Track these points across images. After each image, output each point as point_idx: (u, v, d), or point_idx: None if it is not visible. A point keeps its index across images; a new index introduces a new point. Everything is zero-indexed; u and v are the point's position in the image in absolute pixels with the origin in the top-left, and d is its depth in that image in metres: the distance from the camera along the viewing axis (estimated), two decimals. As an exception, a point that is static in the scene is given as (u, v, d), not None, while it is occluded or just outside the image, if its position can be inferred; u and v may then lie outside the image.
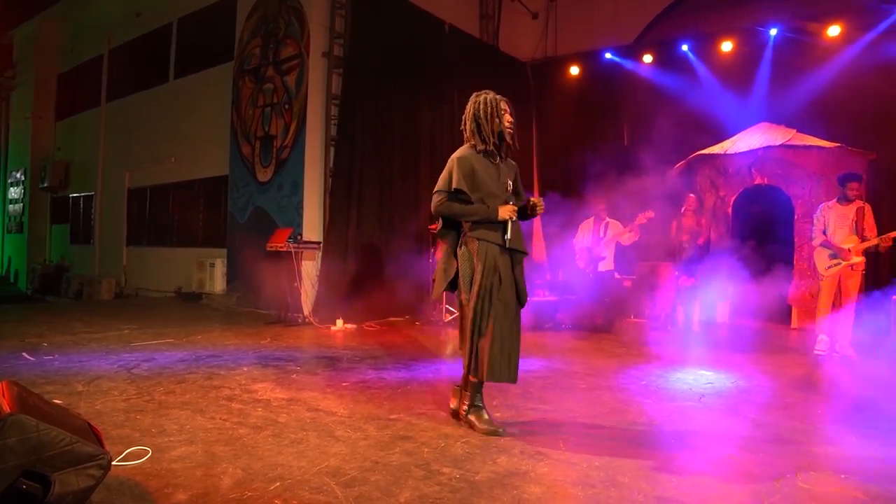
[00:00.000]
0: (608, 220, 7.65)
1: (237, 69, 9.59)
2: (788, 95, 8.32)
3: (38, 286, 14.41)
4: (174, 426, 3.15)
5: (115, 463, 2.44)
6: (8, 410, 2.03)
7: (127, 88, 13.02)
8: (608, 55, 10.17)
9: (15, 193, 16.26)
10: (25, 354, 5.01)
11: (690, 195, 7.47)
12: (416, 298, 8.27)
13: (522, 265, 3.36)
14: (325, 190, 8.41)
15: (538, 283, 8.43)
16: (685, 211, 7.30)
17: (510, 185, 3.33)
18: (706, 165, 8.50)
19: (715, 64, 9.19)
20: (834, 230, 5.74)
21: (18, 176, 16.06)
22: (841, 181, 5.83)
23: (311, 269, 8.20)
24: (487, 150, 3.28)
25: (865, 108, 7.94)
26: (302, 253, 7.77)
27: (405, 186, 8.82)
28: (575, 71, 10.59)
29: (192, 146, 11.13)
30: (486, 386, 3.28)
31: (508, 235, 3.23)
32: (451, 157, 3.32)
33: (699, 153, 8.45)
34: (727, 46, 9.02)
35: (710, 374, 4.92)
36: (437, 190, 3.31)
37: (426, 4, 9.23)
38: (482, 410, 3.23)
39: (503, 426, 3.16)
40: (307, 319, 7.72)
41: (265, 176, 8.99)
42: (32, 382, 3.90)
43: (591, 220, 7.79)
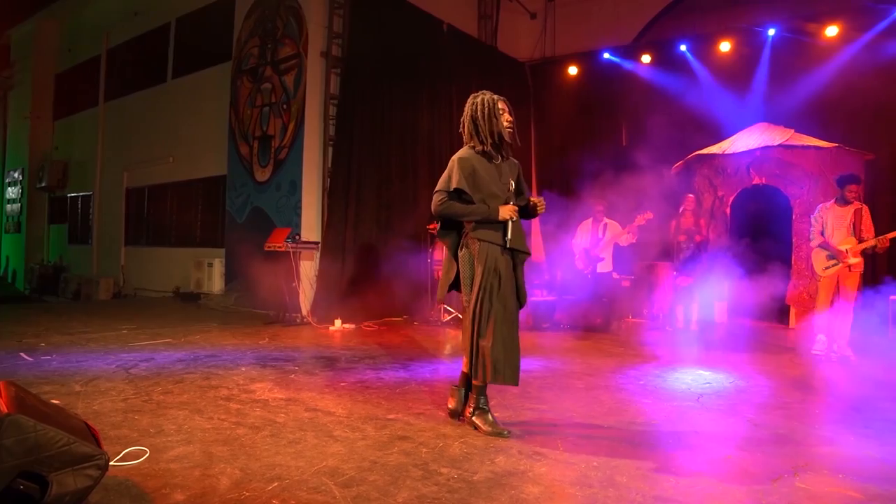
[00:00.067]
0: (606, 220, 7.64)
1: (235, 69, 9.58)
2: (786, 95, 8.34)
3: (35, 286, 14.39)
4: (172, 426, 3.15)
5: (112, 463, 2.44)
6: (5, 411, 2.03)
7: (125, 88, 13.02)
8: (606, 55, 10.18)
9: (13, 193, 16.24)
10: (23, 354, 5.00)
11: (689, 195, 7.48)
12: (413, 298, 8.27)
13: (523, 266, 3.35)
14: (323, 190, 8.41)
15: (536, 282, 8.43)
16: (683, 211, 7.30)
17: (512, 184, 3.32)
18: (704, 165, 8.52)
19: (713, 64, 9.21)
20: (832, 231, 5.74)
21: (16, 175, 16.04)
22: (840, 183, 5.81)
23: (309, 269, 8.19)
24: (487, 150, 3.28)
25: (863, 108, 7.96)
26: (300, 253, 7.77)
27: (403, 186, 8.81)
28: (573, 71, 10.61)
29: (190, 146, 11.13)
30: (484, 386, 3.28)
31: (509, 236, 3.22)
32: (451, 157, 3.32)
33: (697, 153, 8.47)
34: (725, 47, 9.03)
35: (708, 374, 4.93)
36: (437, 190, 3.30)
37: (425, 4, 9.22)
38: (487, 412, 3.23)
39: (508, 429, 3.16)
40: (305, 319, 7.72)
41: (263, 176, 8.99)
42: (30, 383, 3.89)
43: (589, 220, 7.79)
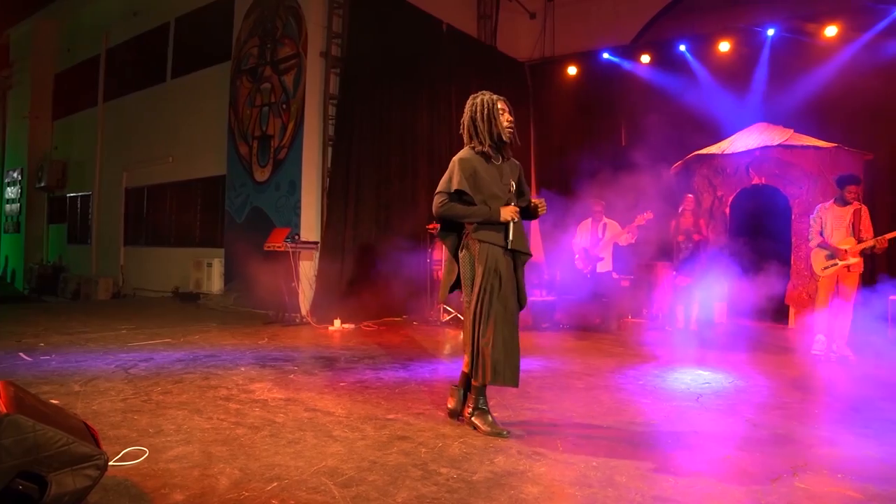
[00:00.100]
0: (606, 220, 7.64)
1: (234, 69, 9.58)
2: (786, 95, 8.34)
3: (35, 286, 14.38)
4: (171, 426, 3.14)
5: (111, 463, 2.44)
6: (4, 411, 2.03)
7: (124, 88, 13.01)
8: (606, 55, 10.19)
9: (12, 193, 16.22)
10: (22, 354, 5.00)
11: (688, 195, 7.48)
12: (413, 298, 8.27)
13: (524, 267, 3.34)
14: (322, 190, 8.40)
15: (535, 282, 8.43)
16: (683, 211, 7.30)
17: (513, 185, 3.31)
18: (704, 165, 8.52)
19: (712, 64, 9.21)
20: (831, 231, 5.74)
21: (15, 175, 16.03)
22: (839, 183, 5.79)
23: (308, 269, 8.19)
24: (487, 151, 3.26)
25: (862, 108, 7.97)
26: (299, 253, 7.77)
27: (403, 186, 8.81)
28: (573, 71, 10.61)
29: (189, 146, 11.12)
30: (484, 386, 3.28)
31: (511, 237, 3.21)
32: (452, 158, 3.30)
33: (697, 153, 8.47)
34: (725, 47, 9.04)
35: (707, 373, 4.93)
36: (438, 191, 3.28)
37: (424, 4, 9.22)
38: (487, 413, 3.22)
39: (507, 429, 3.16)
40: (305, 319, 7.71)
41: (263, 176, 8.98)
42: (29, 383, 3.89)
43: (588, 220, 7.79)
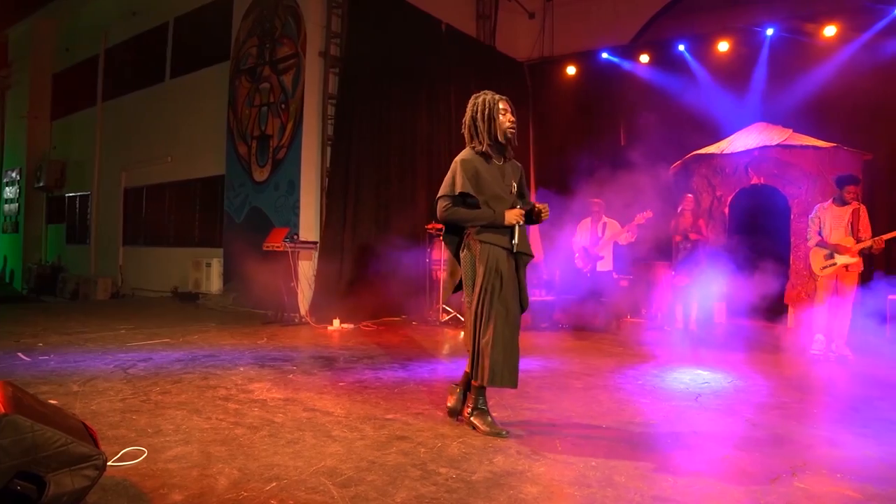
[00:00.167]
0: (606, 219, 7.65)
1: (233, 69, 9.57)
2: (785, 95, 8.35)
3: (33, 286, 14.36)
4: (170, 426, 3.14)
5: (110, 463, 2.44)
6: (3, 411, 2.02)
7: (123, 88, 12.99)
8: (605, 55, 10.19)
9: (10, 193, 16.21)
10: (21, 355, 4.99)
11: (688, 195, 7.48)
12: (412, 298, 8.27)
13: (526, 268, 3.32)
14: (321, 190, 8.40)
15: (535, 282, 8.43)
16: (682, 210, 7.31)
17: (515, 186, 3.30)
18: (703, 165, 8.52)
19: (711, 64, 9.22)
20: (830, 231, 5.74)
21: (14, 175, 16.01)
22: (838, 183, 5.80)
23: (307, 268, 8.19)
24: (488, 151, 3.24)
25: (861, 108, 7.98)
26: (298, 253, 7.77)
27: (402, 186, 8.80)
28: (572, 71, 10.61)
29: (188, 146, 11.11)
30: (483, 386, 3.28)
31: (515, 240, 3.19)
32: (454, 160, 3.27)
33: (696, 153, 8.47)
34: (724, 46, 9.04)
35: (706, 373, 4.93)
36: (441, 195, 3.25)
37: (423, 4, 9.21)
38: (486, 413, 3.22)
39: (506, 429, 3.15)
40: (304, 319, 7.71)
41: (262, 176, 8.98)
42: (28, 383, 3.88)
43: (588, 219, 7.79)
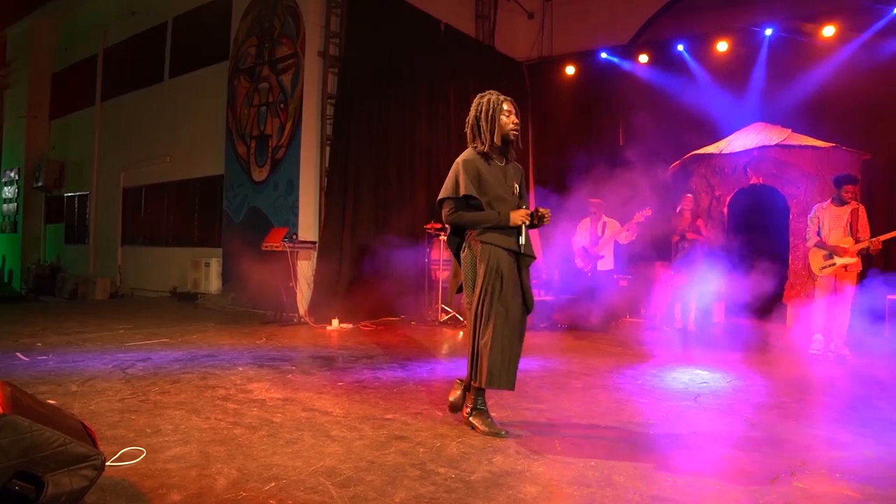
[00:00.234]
0: (605, 218, 7.65)
1: (232, 68, 9.57)
2: (784, 95, 8.35)
3: (32, 286, 14.34)
4: (169, 426, 3.14)
5: (109, 463, 2.43)
6: (1, 411, 2.02)
7: (122, 87, 12.97)
8: (604, 55, 10.20)
9: (9, 193, 16.18)
10: (19, 354, 4.98)
11: (687, 195, 7.49)
12: (411, 298, 8.26)
13: (529, 269, 3.30)
14: (320, 189, 8.39)
15: (534, 282, 8.42)
16: (681, 210, 7.31)
17: (516, 188, 3.29)
18: (702, 165, 8.53)
19: (710, 64, 9.23)
20: (828, 231, 5.75)
21: (12, 175, 15.98)
22: (837, 183, 5.80)
23: (306, 268, 8.18)
24: (490, 152, 3.22)
25: (860, 107, 7.99)
26: (297, 253, 7.76)
27: (401, 186, 8.80)
28: (571, 71, 10.61)
29: (187, 146, 11.10)
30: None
31: (523, 241, 3.17)
32: (455, 160, 3.24)
33: (695, 153, 8.48)
34: (722, 46, 9.05)
35: (705, 373, 4.93)
36: (444, 198, 3.22)
37: (422, 4, 9.20)
38: (485, 413, 3.21)
39: (505, 429, 3.15)
40: (303, 319, 7.70)
41: (261, 175, 8.97)
42: (26, 383, 3.88)
43: (587, 219, 7.79)
